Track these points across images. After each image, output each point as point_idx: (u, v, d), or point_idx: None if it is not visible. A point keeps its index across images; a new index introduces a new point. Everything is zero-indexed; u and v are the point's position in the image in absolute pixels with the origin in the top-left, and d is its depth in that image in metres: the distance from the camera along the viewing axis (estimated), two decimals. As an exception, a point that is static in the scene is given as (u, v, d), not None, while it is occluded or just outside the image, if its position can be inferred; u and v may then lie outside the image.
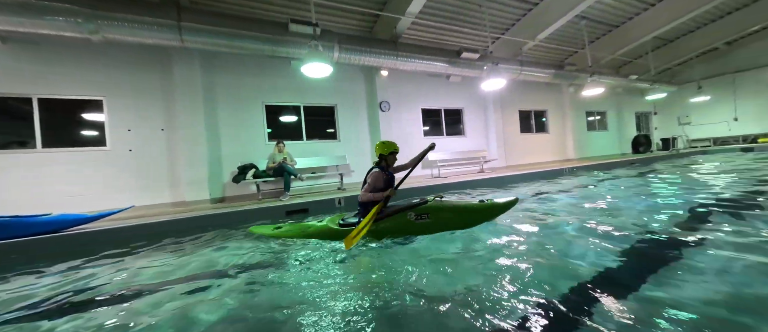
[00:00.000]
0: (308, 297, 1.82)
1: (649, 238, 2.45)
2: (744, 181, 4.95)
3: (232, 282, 2.16)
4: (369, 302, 1.69)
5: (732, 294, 1.49)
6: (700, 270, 1.77)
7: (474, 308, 1.53)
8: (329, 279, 2.09)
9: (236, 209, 4.67)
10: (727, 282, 1.61)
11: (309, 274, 2.22)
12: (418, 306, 1.59)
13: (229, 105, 6.63)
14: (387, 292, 1.79)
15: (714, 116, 13.98)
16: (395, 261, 2.36)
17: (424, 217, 2.81)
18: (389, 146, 3.06)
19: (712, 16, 10.43)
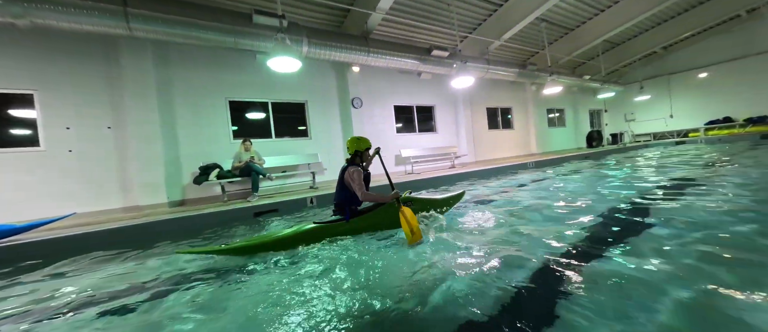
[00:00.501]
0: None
1: (603, 218, 2.70)
2: (683, 168, 5.59)
3: (180, 296, 1.95)
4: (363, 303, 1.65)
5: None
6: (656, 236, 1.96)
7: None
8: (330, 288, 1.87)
9: (197, 212, 4.35)
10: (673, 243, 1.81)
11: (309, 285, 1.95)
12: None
13: (188, 101, 6.15)
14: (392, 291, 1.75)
15: (654, 113, 15.61)
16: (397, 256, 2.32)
17: (409, 205, 2.91)
18: (364, 141, 2.99)
19: (652, 23, 11.60)
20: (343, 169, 2.93)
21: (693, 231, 2.23)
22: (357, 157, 2.96)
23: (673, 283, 1.54)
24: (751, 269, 1.66)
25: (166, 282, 2.22)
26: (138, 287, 2.16)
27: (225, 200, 5.48)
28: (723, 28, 12.71)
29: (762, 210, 2.65)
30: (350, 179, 2.81)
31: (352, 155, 2.98)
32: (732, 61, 13.05)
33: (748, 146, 8.75)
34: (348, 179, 2.83)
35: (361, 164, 2.95)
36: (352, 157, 2.97)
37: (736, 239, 2.05)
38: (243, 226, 3.95)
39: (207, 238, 3.50)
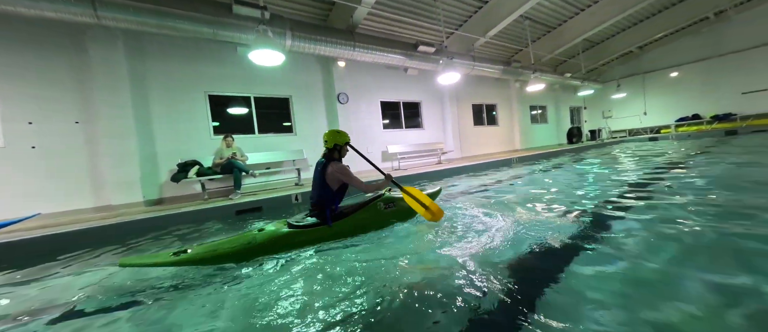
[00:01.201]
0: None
1: (586, 207, 2.78)
2: (650, 163, 5.86)
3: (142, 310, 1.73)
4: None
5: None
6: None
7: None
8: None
9: (175, 211, 4.17)
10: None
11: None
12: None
13: (164, 95, 5.86)
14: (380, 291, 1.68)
15: (629, 110, 16.30)
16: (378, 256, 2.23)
17: (391, 206, 2.90)
18: (344, 135, 2.79)
19: (628, 23, 12.05)
20: (321, 165, 2.67)
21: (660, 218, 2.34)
22: (336, 151, 2.73)
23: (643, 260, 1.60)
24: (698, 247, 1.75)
25: (97, 301, 1.89)
26: (63, 304, 1.87)
27: (205, 198, 5.28)
28: (693, 29, 13.37)
29: (717, 203, 2.80)
30: (340, 176, 2.59)
31: (330, 149, 2.72)
32: (700, 62, 13.77)
33: (714, 142, 9.29)
34: (335, 176, 2.58)
35: (340, 160, 2.76)
36: (331, 151, 2.72)
37: (698, 226, 2.16)
38: (221, 224, 3.82)
39: (182, 238, 3.35)
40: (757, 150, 6.33)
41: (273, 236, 2.35)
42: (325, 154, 2.76)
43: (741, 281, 1.44)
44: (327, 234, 2.54)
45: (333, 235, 2.56)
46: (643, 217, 2.54)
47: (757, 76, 12.42)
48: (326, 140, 2.74)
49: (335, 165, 2.63)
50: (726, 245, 1.86)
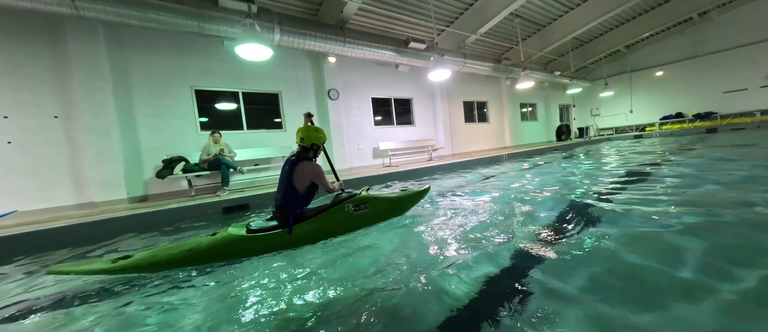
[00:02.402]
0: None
1: (574, 199, 2.84)
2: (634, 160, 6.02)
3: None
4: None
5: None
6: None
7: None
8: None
9: (159, 208, 4.09)
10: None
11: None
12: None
13: (149, 90, 5.71)
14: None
15: (616, 108, 16.66)
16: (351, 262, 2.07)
17: (362, 207, 2.65)
18: (323, 134, 2.59)
19: (616, 22, 12.26)
20: (290, 164, 2.39)
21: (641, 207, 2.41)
22: (311, 150, 2.51)
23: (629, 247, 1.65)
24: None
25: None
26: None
27: (192, 195, 5.19)
28: (677, 29, 13.70)
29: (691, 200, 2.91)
30: (313, 178, 2.35)
31: (305, 148, 2.49)
32: (684, 61, 14.14)
33: (696, 140, 9.59)
34: (306, 176, 2.33)
35: (314, 159, 2.54)
36: (306, 150, 2.49)
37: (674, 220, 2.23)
38: (206, 222, 3.75)
39: (165, 235, 3.29)
40: (728, 147, 6.57)
41: (220, 243, 2.15)
42: (296, 152, 2.50)
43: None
44: (285, 241, 2.28)
45: (292, 242, 2.30)
46: (625, 214, 2.62)
47: (737, 77, 12.83)
48: (302, 137, 2.47)
49: (307, 165, 2.39)
50: (697, 243, 1.93)
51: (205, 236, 2.28)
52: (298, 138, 2.49)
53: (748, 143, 6.82)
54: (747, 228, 2.02)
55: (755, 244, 1.80)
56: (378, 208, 2.77)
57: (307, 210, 2.47)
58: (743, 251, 1.74)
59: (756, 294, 1.31)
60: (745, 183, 3.23)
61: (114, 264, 1.99)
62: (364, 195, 2.72)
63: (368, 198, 2.73)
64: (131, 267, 1.99)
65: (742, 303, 1.27)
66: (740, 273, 1.46)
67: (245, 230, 2.25)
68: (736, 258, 1.63)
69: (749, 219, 2.16)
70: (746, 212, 2.30)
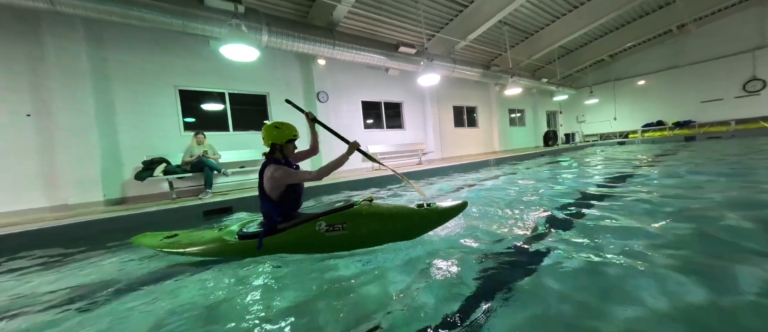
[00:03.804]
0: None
1: (565, 201, 2.87)
2: (618, 165, 6.18)
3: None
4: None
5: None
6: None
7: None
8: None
9: (137, 211, 3.95)
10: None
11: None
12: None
13: (130, 88, 5.55)
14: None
15: (601, 115, 17.14)
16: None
17: (337, 228, 2.04)
18: (285, 130, 2.18)
19: (600, 32, 12.65)
20: (261, 168, 2.17)
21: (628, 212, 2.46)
22: (276, 151, 2.19)
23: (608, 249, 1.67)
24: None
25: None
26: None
27: (173, 197, 5.05)
28: (658, 40, 14.24)
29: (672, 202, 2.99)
30: (280, 181, 2.06)
31: (270, 149, 2.21)
32: (665, 71, 14.69)
33: (676, 147, 9.93)
34: (270, 181, 2.06)
35: (282, 161, 2.21)
36: (271, 151, 2.21)
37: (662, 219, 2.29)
38: (185, 227, 3.62)
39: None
40: (702, 155, 6.82)
41: (222, 246, 2.25)
42: (266, 152, 2.24)
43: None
44: (252, 253, 2.11)
45: (261, 254, 2.11)
46: (602, 216, 2.66)
47: (714, 87, 13.40)
48: (263, 138, 2.20)
49: (271, 168, 2.07)
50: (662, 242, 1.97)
51: (213, 230, 2.51)
52: (263, 140, 2.24)
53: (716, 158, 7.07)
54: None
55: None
56: (361, 230, 2.08)
57: (286, 222, 2.15)
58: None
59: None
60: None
61: (168, 239, 2.47)
62: (345, 212, 2.10)
63: (350, 216, 2.08)
64: (172, 247, 2.37)
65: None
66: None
67: (238, 235, 2.25)
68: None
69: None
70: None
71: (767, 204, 2.65)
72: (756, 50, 12.28)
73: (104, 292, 1.91)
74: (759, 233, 1.99)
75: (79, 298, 1.85)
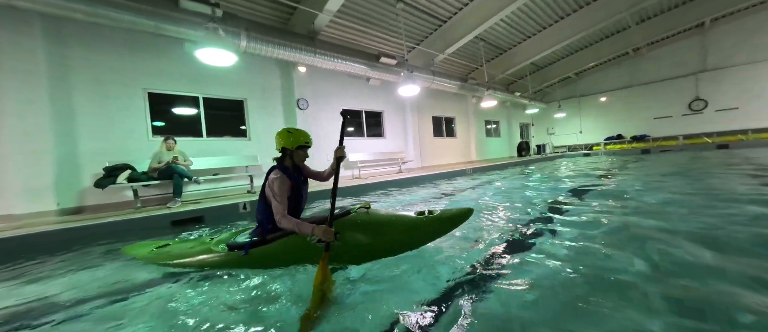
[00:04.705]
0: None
1: (535, 207, 3.01)
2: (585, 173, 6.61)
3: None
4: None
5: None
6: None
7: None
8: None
9: (94, 221, 3.65)
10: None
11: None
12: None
13: (92, 90, 5.19)
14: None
15: (568, 128, 18.30)
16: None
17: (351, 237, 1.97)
18: (298, 135, 2.11)
19: (566, 52, 13.64)
20: (267, 172, 2.12)
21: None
22: (287, 157, 2.13)
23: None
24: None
25: None
26: None
27: (138, 206, 4.72)
28: (616, 61, 15.58)
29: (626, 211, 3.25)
30: (270, 191, 1.99)
31: (281, 154, 2.14)
32: (622, 89, 16.03)
33: (632, 159, 10.79)
34: (268, 189, 2.01)
35: (290, 169, 2.11)
36: (281, 157, 2.14)
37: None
38: (149, 239, 3.39)
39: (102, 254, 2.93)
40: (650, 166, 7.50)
41: (208, 255, 2.21)
42: (276, 158, 2.18)
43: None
44: (238, 262, 2.04)
45: (246, 264, 2.02)
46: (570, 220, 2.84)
47: (665, 105, 14.80)
48: (276, 141, 2.16)
49: (275, 173, 2.03)
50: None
51: (203, 239, 2.55)
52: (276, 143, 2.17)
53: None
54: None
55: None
56: (356, 241, 1.94)
57: (277, 231, 2.05)
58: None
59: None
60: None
61: (159, 249, 2.48)
62: (344, 220, 2.01)
63: (348, 225, 1.98)
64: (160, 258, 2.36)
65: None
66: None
67: (228, 245, 2.18)
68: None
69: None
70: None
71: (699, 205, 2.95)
72: (698, 73, 13.76)
73: (51, 314, 1.74)
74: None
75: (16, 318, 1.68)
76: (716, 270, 1.73)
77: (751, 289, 1.48)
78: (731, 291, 1.48)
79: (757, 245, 2.02)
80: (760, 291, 1.46)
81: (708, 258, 1.88)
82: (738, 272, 1.66)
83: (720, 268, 1.74)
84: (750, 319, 1.27)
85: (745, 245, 2.04)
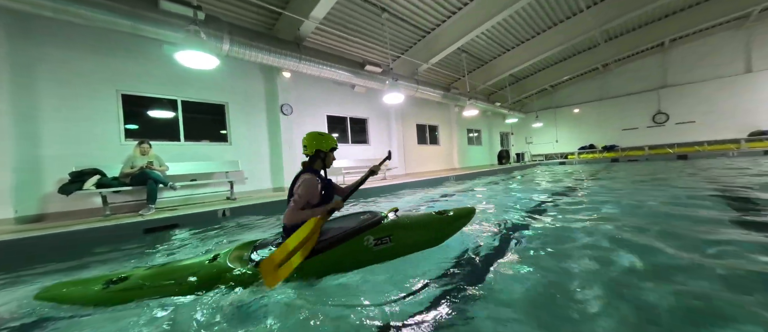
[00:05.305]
0: None
1: (518, 209, 3.11)
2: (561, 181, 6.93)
3: None
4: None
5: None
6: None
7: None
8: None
9: (55, 230, 3.40)
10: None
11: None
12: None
13: (60, 89, 4.91)
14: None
15: (545, 137, 19.14)
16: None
17: (385, 241, 2.09)
18: (329, 138, 2.19)
19: (543, 65, 14.36)
20: (296, 176, 2.12)
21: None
22: (318, 160, 2.16)
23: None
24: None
25: None
26: None
27: (107, 214, 4.46)
28: (588, 76, 16.58)
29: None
30: (299, 191, 1.97)
31: (311, 156, 2.15)
32: (594, 102, 17.03)
33: (603, 168, 11.43)
34: (298, 191, 1.98)
35: (320, 172, 2.17)
36: (312, 159, 2.15)
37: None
38: (118, 251, 3.06)
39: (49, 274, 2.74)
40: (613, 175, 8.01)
41: (216, 274, 1.84)
42: (305, 162, 2.19)
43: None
44: (290, 276, 1.85)
45: (299, 275, 1.89)
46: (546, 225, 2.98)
47: (632, 117, 15.84)
48: (306, 145, 2.15)
49: (303, 178, 2.02)
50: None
51: (199, 260, 1.99)
52: (303, 147, 2.19)
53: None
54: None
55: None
56: (406, 240, 2.20)
57: (323, 237, 2.01)
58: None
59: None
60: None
61: (107, 288, 1.75)
62: (390, 222, 2.20)
63: (395, 227, 2.18)
64: (131, 291, 1.74)
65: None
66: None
67: (248, 257, 1.97)
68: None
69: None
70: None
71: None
72: (660, 89, 14.89)
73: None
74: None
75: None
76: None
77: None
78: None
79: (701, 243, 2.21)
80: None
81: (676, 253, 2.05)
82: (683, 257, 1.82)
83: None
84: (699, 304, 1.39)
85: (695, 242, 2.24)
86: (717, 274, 1.76)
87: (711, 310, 1.42)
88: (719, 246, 2.18)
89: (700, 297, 1.54)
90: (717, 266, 1.86)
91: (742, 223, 2.74)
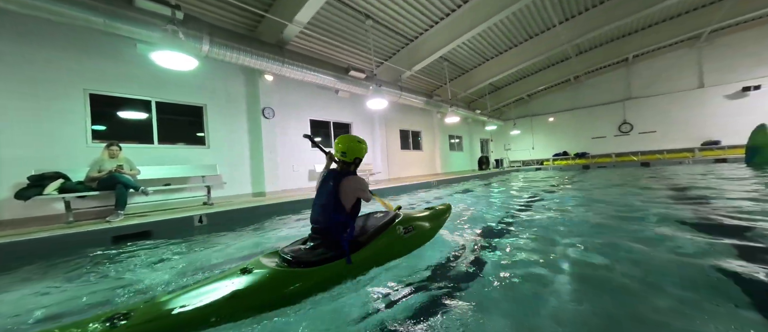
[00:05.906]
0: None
1: (500, 213, 3.22)
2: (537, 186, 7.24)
3: None
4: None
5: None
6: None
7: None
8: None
9: (6, 239, 3.14)
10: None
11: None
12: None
13: (21, 86, 4.58)
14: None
15: (522, 144, 19.95)
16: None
17: (409, 229, 2.44)
18: (365, 148, 2.35)
19: (520, 76, 15.05)
20: (332, 178, 2.16)
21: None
22: (353, 165, 2.28)
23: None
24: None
25: None
26: None
27: (70, 220, 4.16)
28: (561, 86, 17.52)
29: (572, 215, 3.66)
30: (359, 193, 2.15)
31: (349, 163, 2.25)
32: (566, 111, 18.00)
33: (575, 173, 12.06)
34: (351, 192, 2.11)
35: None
36: (348, 165, 2.26)
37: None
38: (81, 261, 2.84)
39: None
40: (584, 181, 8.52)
41: (263, 282, 1.61)
42: (340, 167, 2.29)
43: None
44: (344, 272, 1.90)
45: (351, 272, 1.94)
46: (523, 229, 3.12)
47: (600, 126, 16.87)
48: (344, 151, 2.22)
49: (353, 179, 2.16)
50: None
51: (232, 270, 1.72)
52: (339, 152, 2.24)
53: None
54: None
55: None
56: (421, 229, 2.58)
57: (360, 234, 2.20)
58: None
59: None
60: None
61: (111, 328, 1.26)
62: (406, 216, 2.55)
63: (411, 219, 2.53)
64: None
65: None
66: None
67: (283, 262, 1.80)
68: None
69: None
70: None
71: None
72: (625, 100, 15.99)
73: None
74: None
75: None
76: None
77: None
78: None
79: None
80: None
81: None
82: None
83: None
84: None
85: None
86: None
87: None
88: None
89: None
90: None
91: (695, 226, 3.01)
